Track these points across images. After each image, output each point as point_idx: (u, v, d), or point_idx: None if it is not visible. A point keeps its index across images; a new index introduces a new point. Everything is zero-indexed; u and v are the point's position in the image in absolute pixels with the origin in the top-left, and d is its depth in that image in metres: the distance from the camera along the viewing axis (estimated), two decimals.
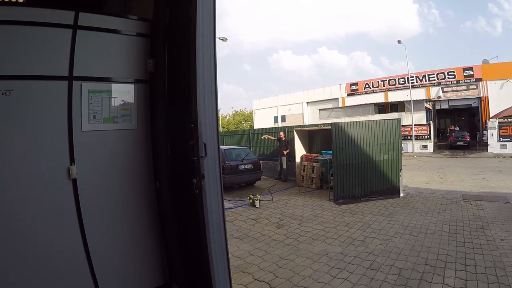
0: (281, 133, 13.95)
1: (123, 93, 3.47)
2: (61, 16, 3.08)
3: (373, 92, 37.48)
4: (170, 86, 3.47)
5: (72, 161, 3.12)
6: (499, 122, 24.84)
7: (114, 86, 3.41)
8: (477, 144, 29.90)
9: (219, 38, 22.83)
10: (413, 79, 33.39)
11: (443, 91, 32.87)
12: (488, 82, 30.86)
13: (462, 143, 27.97)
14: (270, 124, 42.81)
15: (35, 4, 3.00)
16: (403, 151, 10.41)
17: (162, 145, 3.58)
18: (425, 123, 29.30)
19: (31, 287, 2.93)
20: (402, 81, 35.10)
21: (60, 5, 3.09)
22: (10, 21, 2.87)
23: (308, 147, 13.73)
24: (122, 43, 3.46)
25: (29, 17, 2.94)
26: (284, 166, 13.58)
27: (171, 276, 3.75)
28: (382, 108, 34.93)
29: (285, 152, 13.37)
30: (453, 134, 30.14)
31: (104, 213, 3.33)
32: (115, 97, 3.42)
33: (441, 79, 33.24)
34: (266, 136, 14.97)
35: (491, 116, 28.72)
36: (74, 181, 3.13)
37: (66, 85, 3.12)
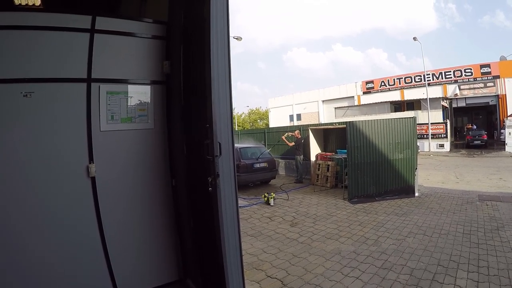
0: (297, 131, 13.73)
1: (140, 94, 3.57)
2: (78, 20, 3.20)
3: (389, 90, 36.98)
4: (185, 87, 3.55)
5: (91, 159, 3.24)
6: None
7: (131, 88, 3.52)
8: (494, 143, 29.23)
9: (233, 37, 22.83)
10: (429, 77, 32.81)
11: (460, 89, 32.21)
12: (506, 79, 30.00)
13: (479, 142, 27.31)
14: (286, 122, 42.58)
15: (53, 9, 3.12)
16: (419, 150, 10.31)
17: (178, 144, 3.67)
18: (442, 121, 28.72)
19: (50, 279, 3.05)
20: (418, 78, 34.52)
21: (78, 10, 3.21)
22: (30, 26, 3.00)
23: (323, 145, 13.72)
24: (138, 45, 3.56)
25: (48, 22, 3.06)
26: (300, 161, 13.21)
27: (186, 272, 3.84)
28: (398, 106, 34.50)
29: (287, 142, 13.66)
30: (470, 132, 29.52)
31: (122, 210, 3.44)
32: (132, 98, 3.52)
33: (457, 77, 32.56)
34: (289, 134, 14.32)
35: (509, 114, 28.01)
36: (93, 179, 3.25)
37: (85, 87, 3.25)
